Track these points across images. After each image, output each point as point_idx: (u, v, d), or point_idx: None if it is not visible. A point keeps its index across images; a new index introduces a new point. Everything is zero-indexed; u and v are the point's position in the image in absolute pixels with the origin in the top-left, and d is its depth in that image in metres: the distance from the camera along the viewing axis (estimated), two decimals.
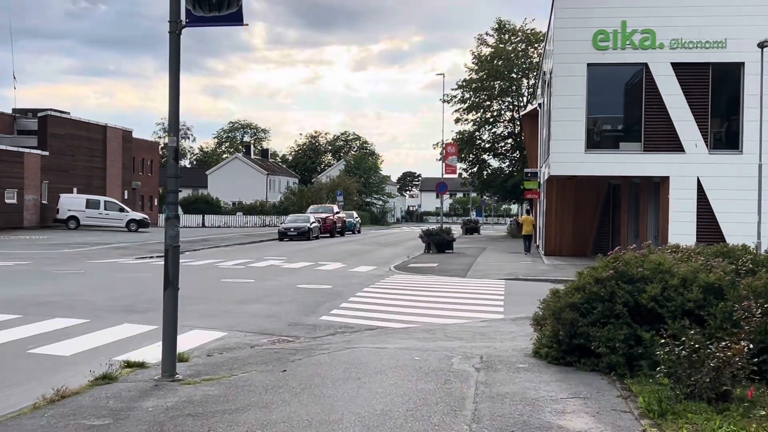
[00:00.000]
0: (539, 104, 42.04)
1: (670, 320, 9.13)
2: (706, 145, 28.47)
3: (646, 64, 28.75)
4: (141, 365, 9.96)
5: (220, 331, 13.43)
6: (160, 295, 10.05)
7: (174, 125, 9.26)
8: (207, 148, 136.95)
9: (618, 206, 32.52)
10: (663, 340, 8.24)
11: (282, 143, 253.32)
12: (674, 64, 28.55)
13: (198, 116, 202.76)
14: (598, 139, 30.03)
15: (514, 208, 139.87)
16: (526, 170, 42.72)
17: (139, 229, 53.08)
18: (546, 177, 34.58)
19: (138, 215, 54.83)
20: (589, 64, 29.08)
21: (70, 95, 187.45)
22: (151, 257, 31.40)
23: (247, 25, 8.91)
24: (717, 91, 28.61)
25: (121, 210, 53.82)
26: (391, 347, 11.64)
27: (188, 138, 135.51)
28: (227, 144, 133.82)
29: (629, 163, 29.02)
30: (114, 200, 55.03)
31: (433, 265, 29.23)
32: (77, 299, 17.02)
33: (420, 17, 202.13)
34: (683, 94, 28.50)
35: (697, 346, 7.82)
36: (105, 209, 53.00)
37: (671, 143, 28.67)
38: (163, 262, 9.61)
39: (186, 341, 12.29)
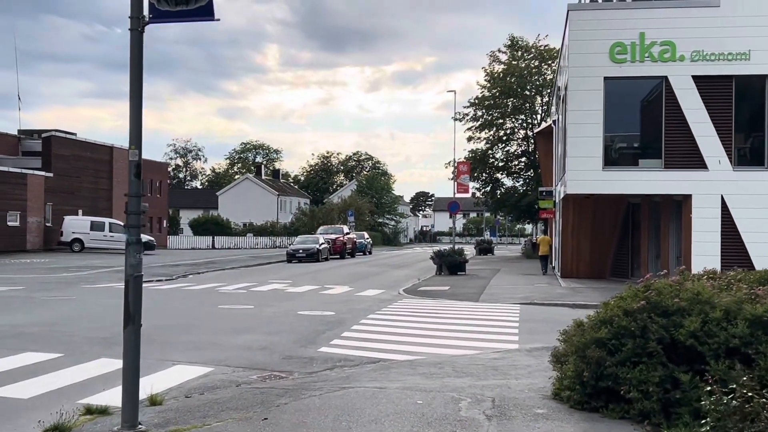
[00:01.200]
0: (553, 121, 40.80)
1: (712, 360, 7.81)
2: (730, 161, 27.11)
3: (665, 78, 27.47)
4: (103, 411, 8.71)
5: (207, 366, 12.18)
6: (149, 325, 8.89)
7: (136, 136, 8.07)
8: (219, 169, 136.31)
9: (638, 226, 31.14)
10: (708, 387, 6.94)
11: (295, 164, 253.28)
12: (695, 77, 27.25)
13: (212, 138, 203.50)
14: (616, 156, 28.73)
15: (528, 228, 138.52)
16: (540, 189, 41.41)
17: (145, 252, 51.76)
18: (562, 196, 33.25)
19: (144, 237, 53.57)
20: (606, 78, 27.83)
21: (87, 118, 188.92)
22: (151, 281, 30.23)
23: (218, 20, 7.72)
24: (741, 105, 27.29)
25: None
26: (392, 387, 10.34)
27: (200, 159, 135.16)
28: (239, 165, 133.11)
29: (649, 180, 27.69)
30: (119, 222, 53.86)
31: (444, 289, 27.92)
32: (56, 330, 15.81)
33: (432, 38, 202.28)
34: (705, 109, 27.18)
35: (750, 394, 6.52)
36: (110, 231, 51.94)
37: (693, 160, 27.33)
38: (160, 287, 8.35)
39: (165, 379, 11.07)
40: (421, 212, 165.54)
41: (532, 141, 59.36)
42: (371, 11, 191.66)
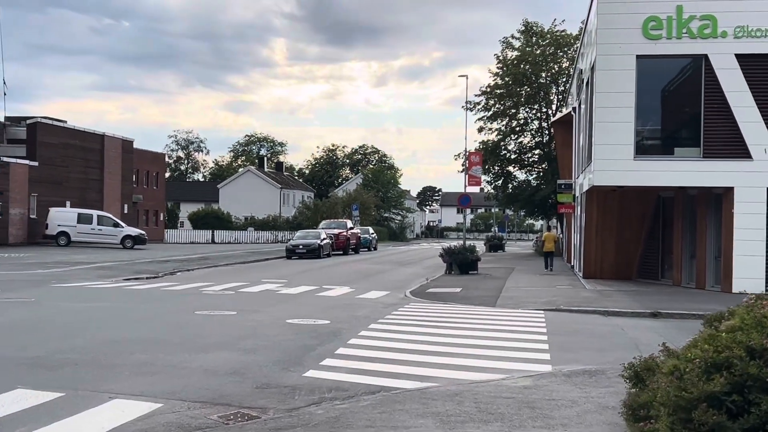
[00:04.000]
0: (573, 108, 37.80)
1: None
2: None
3: (705, 56, 24.50)
4: None
5: (154, 400, 9.31)
6: (101, 338, 6.15)
7: None
8: (222, 162, 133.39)
9: (669, 222, 28.14)
10: None
11: (302, 158, 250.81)
12: (739, 56, 24.29)
13: (218, 132, 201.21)
14: (648, 144, 25.78)
15: (538, 224, 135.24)
16: (559, 182, 38.37)
17: (135, 246, 49.11)
18: (585, 188, 30.30)
19: (134, 231, 50.86)
20: (638, 57, 24.88)
21: (94, 111, 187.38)
22: (131, 280, 27.44)
23: None
24: None
25: (116, 225, 49.82)
26: None
27: (202, 151, 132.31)
28: (243, 158, 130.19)
29: (686, 171, 24.74)
30: (108, 215, 51.10)
31: (456, 291, 25.01)
32: None
33: (439, 33, 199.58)
34: (750, 91, 24.24)
35: None
36: (98, 224, 49.05)
37: (736, 148, 24.40)
38: (138, 286, 5.47)
39: (93, 422, 8.23)
40: (428, 207, 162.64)
41: (547, 132, 56.32)
42: (378, 6, 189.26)
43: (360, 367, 11.63)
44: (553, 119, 48.47)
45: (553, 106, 56.14)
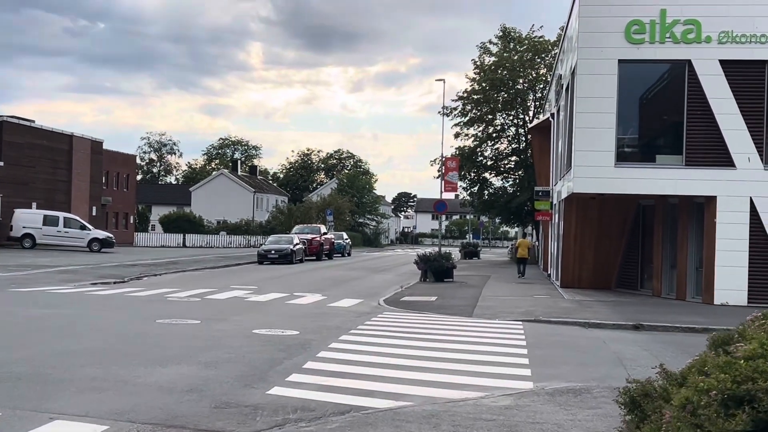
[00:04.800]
0: (552, 114, 37.23)
1: None
2: (761, 159, 23.68)
3: (689, 61, 23.96)
4: None
5: (99, 421, 8.42)
6: (51, 349, 5.08)
7: None
8: (196, 165, 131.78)
9: (649, 231, 27.55)
10: None
11: (277, 162, 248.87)
12: (723, 62, 23.77)
13: (194, 135, 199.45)
14: (630, 151, 25.18)
15: (512, 231, 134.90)
16: (536, 189, 37.74)
17: (102, 249, 47.88)
18: (563, 196, 29.67)
19: (101, 234, 49.59)
20: (620, 61, 24.28)
21: (68, 112, 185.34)
22: (95, 285, 26.41)
23: None
24: None
25: (83, 228, 48.56)
26: None
27: (175, 153, 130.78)
28: (217, 161, 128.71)
29: (668, 179, 24.16)
30: (75, 217, 49.81)
31: (431, 299, 24.23)
32: None
33: (416, 40, 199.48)
34: (734, 98, 23.71)
35: None
36: (65, 226, 47.78)
37: (719, 156, 23.85)
38: (100, 292, 4.59)
39: None
40: (403, 213, 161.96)
41: (524, 138, 55.80)
42: (355, 11, 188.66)
43: (329, 384, 10.80)
44: (530, 125, 47.89)
45: (530, 113, 55.65)
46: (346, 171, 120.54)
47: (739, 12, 23.75)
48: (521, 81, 54.83)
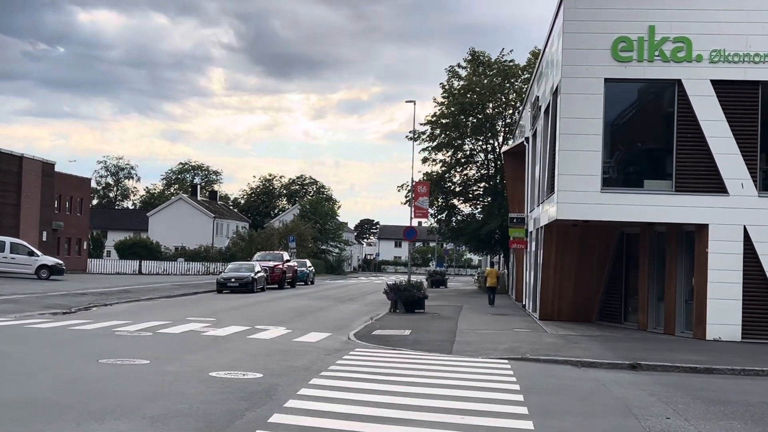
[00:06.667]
0: (526, 138, 35.80)
1: None
2: (755, 185, 22.31)
3: (678, 81, 22.60)
4: None
5: None
6: None
7: None
8: (154, 190, 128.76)
9: (633, 261, 26.03)
10: None
11: (238, 188, 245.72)
12: (715, 82, 22.45)
13: (154, 161, 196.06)
14: (616, 176, 23.68)
15: (475, 259, 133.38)
16: (511, 215, 36.15)
17: (52, 277, 45.27)
18: (541, 223, 28.12)
19: (50, 260, 46.89)
20: (607, 80, 22.84)
21: (25, 136, 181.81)
22: (35, 316, 24.19)
23: None
24: None
25: (31, 254, 45.89)
26: None
27: (132, 178, 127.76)
28: (176, 186, 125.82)
29: (657, 206, 22.69)
30: (22, 242, 47.12)
31: (405, 333, 22.40)
32: None
33: (378, 69, 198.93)
34: (726, 120, 22.37)
35: None
36: (11, 252, 45.11)
37: (711, 182, 22.47)
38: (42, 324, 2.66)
39: None
40: (365, 240, 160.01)
41: (493, 165, 54.39)
42: (317, 39, 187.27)
43: None
44: (504, 149, 46.43)
45: (500, 138, 54.30)
46: (309, 197, 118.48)
47: (731, 30, 22.46)
48: (491, 105, 53.52)
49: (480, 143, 54.71)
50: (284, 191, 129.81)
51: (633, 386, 14.52)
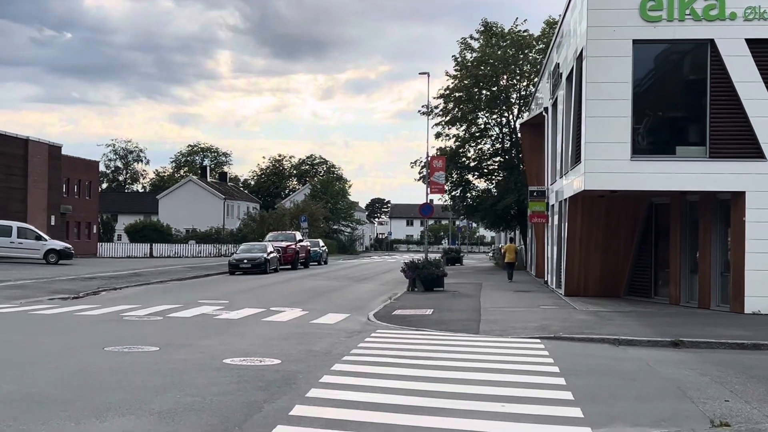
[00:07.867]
0: (545, 108, 34.54)
1: None
2: None
3: (711, 41, 21.33)
4: None
5: None
6: None
7: None
8: (164, 173, 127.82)
9: (664, 232, 24.86)
10: None
11: (247, 170, 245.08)
12: (750, 41, 21.18)
13: (163, 144, 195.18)
14: (647, 143, 22.47)
15: (489, 235, 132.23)
16: (531, 188, 34.96)
17: (60, 261, 44.43)
18: (565, 195, 26.96)
19: (59, 245, 46.02)
20: (635, 41, 21.61)
21: (34, 122, 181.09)
22: (42, 301, 23.25)
23: None
24: None
25: (39, 238, 45.00)
26: None
27: (141, 161, 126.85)
28: (186, 168, 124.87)
29: (690, 174, 21.49)
30: (30, 227, 46.22)
31: (427, 312, 21.35)
32: None
33: (385, 47, 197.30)
34: (762, 81, 21.15)
35: None
36: (18, 237, 44.23)
37: (747, 147, 21.29)
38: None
39: None
40: (376, 219, 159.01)
41: (509, 138, 53.10)
42: (323, 19, 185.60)
43: None
44: (520, 121, 45.10)
45: (515, 111, 52.95)
46: (320, 177, 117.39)
47: None
48: (505, 77, 52.13)
49: (494, 116, 53.37)
50: (294, 171, 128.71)
51: (680, 365, 13.43)
